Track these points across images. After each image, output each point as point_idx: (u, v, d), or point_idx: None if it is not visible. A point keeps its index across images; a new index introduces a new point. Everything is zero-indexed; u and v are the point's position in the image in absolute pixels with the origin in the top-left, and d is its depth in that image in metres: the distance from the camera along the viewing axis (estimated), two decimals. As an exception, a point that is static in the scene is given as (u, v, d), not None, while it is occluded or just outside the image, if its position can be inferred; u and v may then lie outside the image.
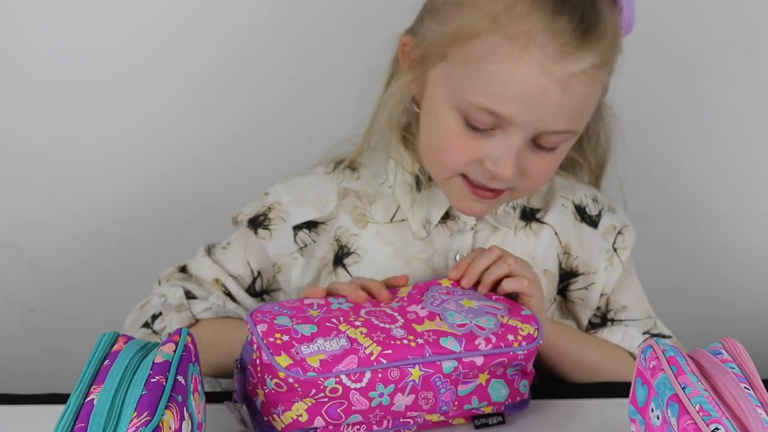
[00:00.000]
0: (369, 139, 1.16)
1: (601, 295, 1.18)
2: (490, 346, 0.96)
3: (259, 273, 1.19)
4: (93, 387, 0.84)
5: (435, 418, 0.97)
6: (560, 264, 1.16)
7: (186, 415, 0.86)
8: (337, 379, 0.91)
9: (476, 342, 0.95)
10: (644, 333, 1.17)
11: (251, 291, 1.19)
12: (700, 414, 0.79)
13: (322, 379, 0.90)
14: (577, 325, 1.19)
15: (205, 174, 1.58)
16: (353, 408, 0.92)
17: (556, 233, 1.16)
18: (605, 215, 1.19)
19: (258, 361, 0.93)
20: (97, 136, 1.55)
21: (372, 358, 0.92)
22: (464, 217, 1.14)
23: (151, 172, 1.58)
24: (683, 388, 0.82)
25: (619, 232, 1.19)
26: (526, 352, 0.97)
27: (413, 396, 0.94)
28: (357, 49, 1.21)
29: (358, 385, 0.92)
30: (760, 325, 1.60)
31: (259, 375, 0.93)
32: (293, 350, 0.91)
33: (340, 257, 1.15)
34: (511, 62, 0.98)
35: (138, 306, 1.22)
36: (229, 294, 1.18)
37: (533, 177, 1.05)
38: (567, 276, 1.17)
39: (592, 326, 1.20)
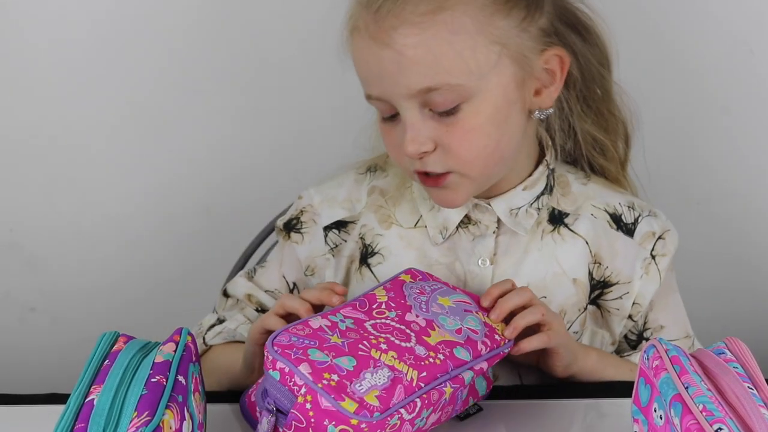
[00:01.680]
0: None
1: (634, 303, 1.16)
2: (488, 349, 0.98)
3: (294, 284, 1.21)
4: (93, 387, 0.84)
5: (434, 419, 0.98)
6: (591, 273, 1.15)
7: (186, 414, 0.86)
8: (399, 416, 0.90)
9: (478, 348, 0.97)
10: None
11: None
12: (704, 414, 0.79)
13: (388, 418, 0.88)
14: (610, 335, 1.18)
15: (205, 175, 1.58)
16: None
17: (587, 243, 1.15)
18: (643, 221, 1.17)
19: (310, 406, 0.89)
20: (98, 137, 1.55)
21: (413, 384, 0.91)
22: (485, 220, 1.13)
23: (151, 173, 1.58)
24: (686, 388, 0.82)
25: (659, 238, 1.17)
26: (509, 349, 1.00)
27: (440, 412, 0.95)
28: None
29: (410, 416, 0.91)
30: (764, 325, 1.61)
31: (314, 422, 0.89)
32: (349, 390, 0.88)
33: (364, 256, 1.17)
34: (353, 46, 1.05)
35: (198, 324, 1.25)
36: (263, 309, 1.20)
37: (453, 148, 1.04)
38: (600, 286, 1.16)
39: (628, 342, 1.20)
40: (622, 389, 1.02)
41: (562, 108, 1.13)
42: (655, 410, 0.86)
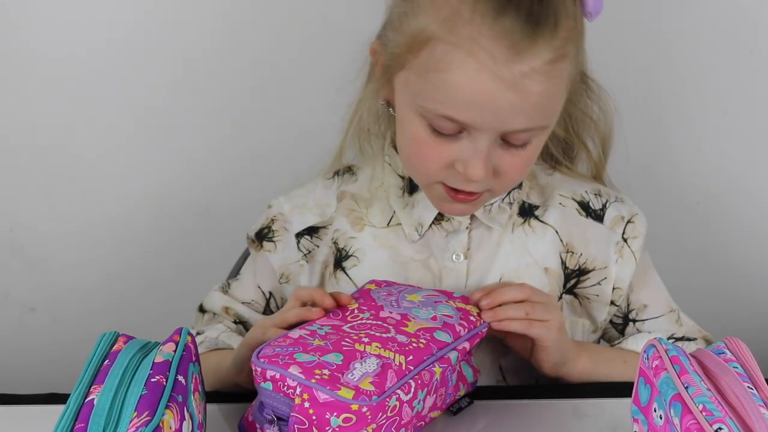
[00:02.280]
0: (347, 143, 1.18)
1: (614, 288, 1.17)
2: (467, 330, 1.00)
3: (270, 294, 1.22)
4: (93, 387, 0.84)
5: (434, 414, 0.99)
6: (563, 262, 1.17)
7: (186, 414, 0.86)
8: (397, 396, 0.91)
9: (457, 330, 0.99)
10: (669, 338, 1.17)
11: (268, 313, 1.22)
12: (703, 414, 0.79)
13: (387, 399, 0.89)
14: (591, 323, 1.19)
15: (204, 175, 1.59)
16: (402, 422, 0.92)
17: (557, 232, 1.16)
18: (611, 207, 1.18)
19: (308, 404, 0.89)
20: (98, 137, 1.56)
21: (403, 368, 0.92)
22: (457, 217, 1.14)
23: (150, 173, 1.59)
24: (686, 388, 0.82)
25: (629, 221, 1.18)
26: (486, 329, 1.03)
27: (435, 395, 0.97)
28: (357, 51, 1.21)
29: (407, 397, 0.92)
30: (764, 325, 1.61)
31: (315, 419, 0.89)
32: (343, 381, 0.89)
33: (339, 260, 1.17)
34: (459, 69, 0.97)
35: None
36: (240, 321, 1.21)
37: (508, 175, 1.05)
38: (576, 274, 1.17)
39: (615, 327, 1.21)
40: (623, 389, 1.03)
41: None
42: (655, 410, 0.87)
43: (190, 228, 1.61)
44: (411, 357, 0.94)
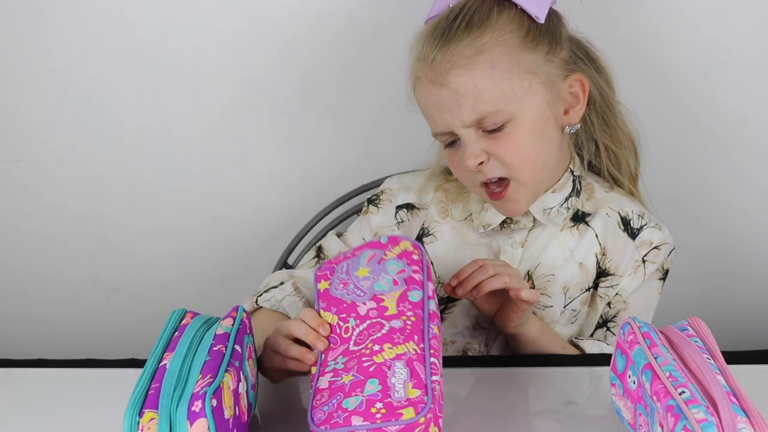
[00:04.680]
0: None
1: (616, 294, 1.30)
2: (420, 272, 1.04)
3: None
4: (165, 354, 0.93)
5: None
6: (597, 262, 1.30)
7: (242, 377, 0.95)
8: (436, 382, 0.93)
9: (416, 279, 1.03)
10: None
11: None
12: (670, 380, 0.87)
13: (433, 391, 0.92)
14: (586, 317, 1.31)
15: (256, 175, 1.62)
16: (441, 388, 0.95)
17: (596, 236, 1.30)
18: (646, 230, 1.30)
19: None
20: (172, 145, 1.58)
21: (419, 352, 0.95)
22: (524, 221, 1.29)
23: (214, 181, 1.61)
24: (655, 358, 0.89)
25: (655, 247, 1.30)
26: (427, 256, 1.09)
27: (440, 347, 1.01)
28: (389, 52, 1.30)
29: (438, 377, 0.94)
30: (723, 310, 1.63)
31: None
32: (396, 404, 0.89)
33: (420, 236, 1.35)
34: (418, 94, 1.23)
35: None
36: None
37: (506, 157, 1.20)
38: (601, 274, 1.30)
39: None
40: (603, 359, 1.13)
41: (585, 123, 1.29)
42: (629, 376, 0.94)
43: (243, 223, 1.64)
44: (416, 337, 0.95)
